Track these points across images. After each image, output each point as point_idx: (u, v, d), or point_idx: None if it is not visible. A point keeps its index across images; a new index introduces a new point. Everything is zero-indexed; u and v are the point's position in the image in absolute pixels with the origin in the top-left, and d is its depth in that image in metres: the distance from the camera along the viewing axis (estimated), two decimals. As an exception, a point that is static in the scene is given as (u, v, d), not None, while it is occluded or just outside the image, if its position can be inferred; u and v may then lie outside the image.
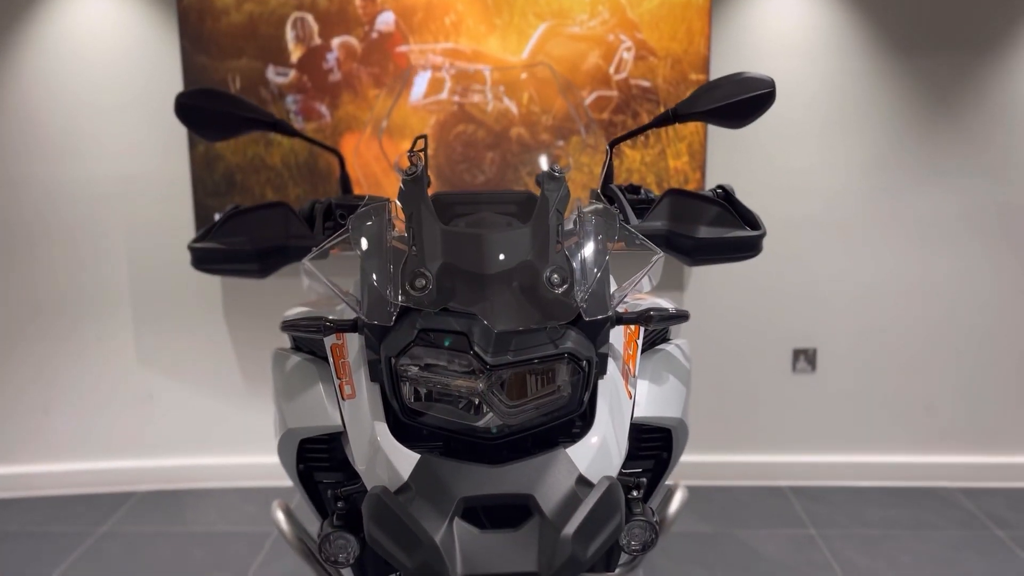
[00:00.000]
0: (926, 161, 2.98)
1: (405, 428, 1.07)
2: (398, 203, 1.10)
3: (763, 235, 1.31)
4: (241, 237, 1.30)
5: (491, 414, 1.03)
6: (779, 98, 2.93)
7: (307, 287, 1.18)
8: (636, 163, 2.91)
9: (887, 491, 3.12)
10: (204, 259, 1.31)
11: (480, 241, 1.05)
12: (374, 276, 1.06)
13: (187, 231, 3.02)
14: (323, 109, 2.88)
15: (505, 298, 1.01)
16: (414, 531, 0.95)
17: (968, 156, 2.97)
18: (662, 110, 2.87)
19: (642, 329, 1.24)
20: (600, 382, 1.09)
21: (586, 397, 1.05)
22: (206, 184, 2.95)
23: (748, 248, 1.30)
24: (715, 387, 3.14)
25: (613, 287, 1.14)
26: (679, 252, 1.31)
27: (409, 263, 1.04)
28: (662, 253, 1.14)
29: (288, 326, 1.10)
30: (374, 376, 1.07)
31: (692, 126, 2.88)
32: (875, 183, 3.00)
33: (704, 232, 1.29)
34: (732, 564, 2.61)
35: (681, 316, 1.11)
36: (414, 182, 1.07)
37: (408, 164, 1.09)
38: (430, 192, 1.12)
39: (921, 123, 2.96)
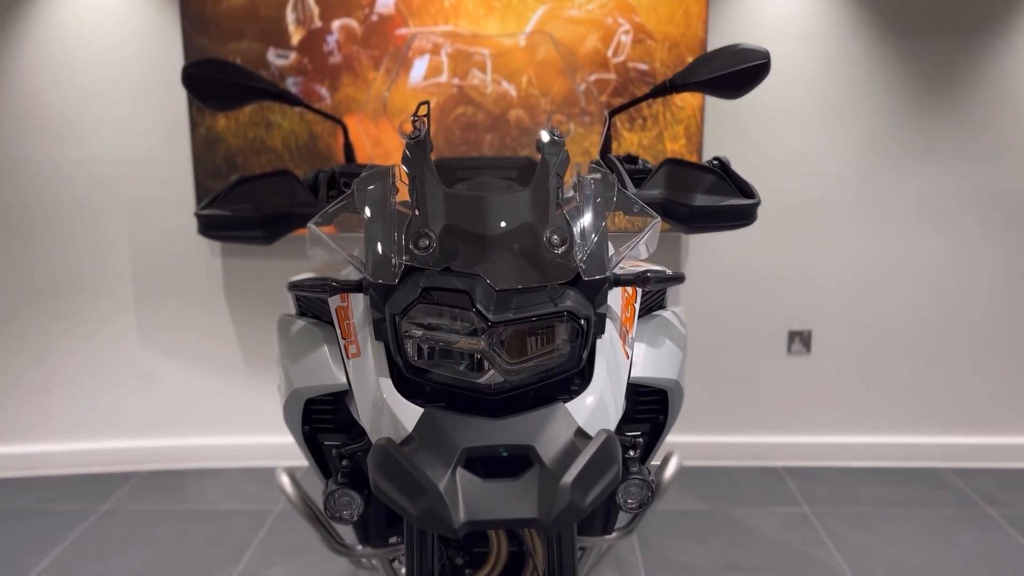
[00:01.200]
0: (922, 144, 3.01)
1: (408, 387, 1.10)
2: (401, 167, 1.12)
3: (758, 204, 1.34)
4: (246, 204, 1.33)
5: (492, 371, 1.06)
6: (776, 81, 2.98)
7: (312, 254, 1.21)
8: (634, 146, 2.94)
9: (880, 471, 3.16)
10: (210, 226, 1.33)
11: (482, 203, 1.08)
12: (378, 237, 1.09)
13: (188, 213, 3.04)
14: (323, 91, 2.91)
15: (506, 259, 1.04)
16: (418, 480, 0.98)
17: (964, 139, 3.00)
18: (660, 92, 2.90)
19: (639, 293, 1.27)
20: (598, 342, 1.12)
21: (585, 355, 1.08)
22: (207, 166, 2.97)
23: (743, 216, 1.33)
24: (711, 368, 3.18)
25: (611, 251, 1.17)
26: (676, 220, 1.34)
27: (413, 224, 1.07)
28: (659, 218, 1.17)
29: (294, 287, 1.13)
30: (378, 335, 1.10)
31: (689, 109, 2.91)
32: (871, 166, 3.03)
33: (700, 200, 1.32)
34: (727, 540, 2.65)
35: (677, 278, 1.14)
36: (417, 145, 1.10)
37: (411, 128, 1.12)
38: (432, 158, 1.14)
39: (917, 106, 2.99)
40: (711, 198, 1.32)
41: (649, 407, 1.32)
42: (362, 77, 2.89)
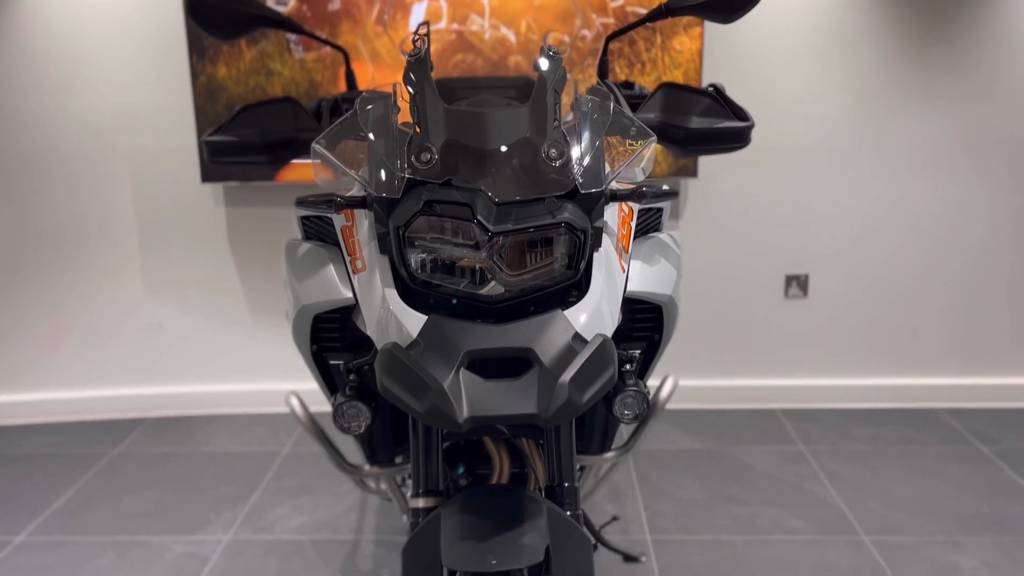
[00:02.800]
0: (918, 88, 3.02)
1: (413, 300, 1.14)
2: (403, 85, 1.15)
3: (752, 126, 1.37)
4: (252, 130, 1.36)
5: (493, 283, 1.10)
6: (774, 27, 2.99)
7: (317, 177, 1.24)
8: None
9: (875, 412, 3.22)
10: (217, 151, 1.37)
11: (482, 119, 1.11)
12: (381, 152, 1.12)
13: (191, 162, 3.07)
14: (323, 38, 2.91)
15: (506, 172, 1.08)
16: (423, 379, 1.02)
17: (960, 83, 3.01)
18: (657, 36, 2.91)
19: (635, 213, 1.31)
20: (595, 255, 1.16)
21: (582, 266, 1.12)
22: (208, 114, 2.99)
23: (738, 139, 1.36)
24: (709, 313, 3.22)
25: (608, 169, 1.20)
26: (671, 142, 1.37)
27: (414, 140, 1.10)
28: (655, 136, 1.20)
29: (301, 202, 1.17)
30: (383, 248, 1.14)
31: (688, 53, 2.92)
32: (868, 110, 3.04)
33: (695, 123, 1.35)
34: (724, 476, 2.72)
35: (672, 193, 1.18)
36: (418, 63, 1.13)
37: (412, 47, 1.14)
38: (432, 77, 1.17)
39: (914, 51, 3.00)
40: (706, 120, 1.35)
41: (645, 324, 1.36)
42: (361, 23, 2.90)
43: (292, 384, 3.21)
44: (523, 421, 1.03)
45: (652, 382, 1.46)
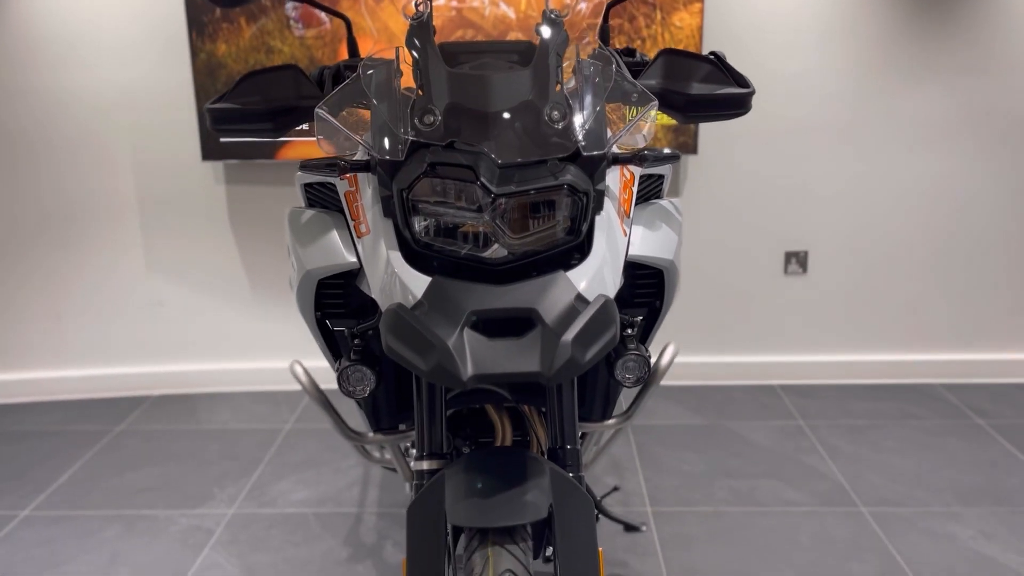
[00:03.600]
0: (918, 63, 3.02)
1: (417, 263, 1.15)
2: (405, 49, 1.16)
3: (752, 93, 1.37)
4: (254, 98, 1.36)
5: (496, 245, 1.11)
6: (773, 3, 2.97)
7: (321, 143, 1.24)
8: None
9: (874, 388, 3.24)
10: (220, 119, 1.37)
11: (484, 82, 1.11)
12: (384, 115, 1.13)
13: (191, 140, 3.07)
14: (322, 15, 2.91)
15: (508, 134, 1.08)
16: (428, 338, 1.04)
17: (960, 57, 3.01)
18: (657, 13, 2.90)
19: (637, 179, 1.32)
20: (597, 218, 1.17)
21: (584, 229, 1.13)
22: (208, 92, 2.99)
23: (738, 105, 1.36)
24: (709, 289, 3.24)
25: (609, 135, 1.21)
26: (672, 109, 1.37)
27: (417, 102, 1.11)
28: (656, 100, 1.20)
29: (305, 166, 1.17)
30: (387, 212, 1.15)
31: (688, 29, 2.92)
32: (868, 86, 3.04)
33: (696, 89, 1.35)
34: (723, 450, 2.74)
35: (674, 156, 1.19)
36: (421, 27, 1.13)
37: (414, 10, 1.15)
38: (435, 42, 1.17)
39: (914, 25, 2.99)
40: (707, 87, 1.35)
41: (646, 291, 1.37)
42: (361, 0, 2.90)
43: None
44: (526, 379, 1.04)
45: (653, 349, 1.47)
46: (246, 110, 1.35)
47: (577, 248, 1.16)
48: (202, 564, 2.15)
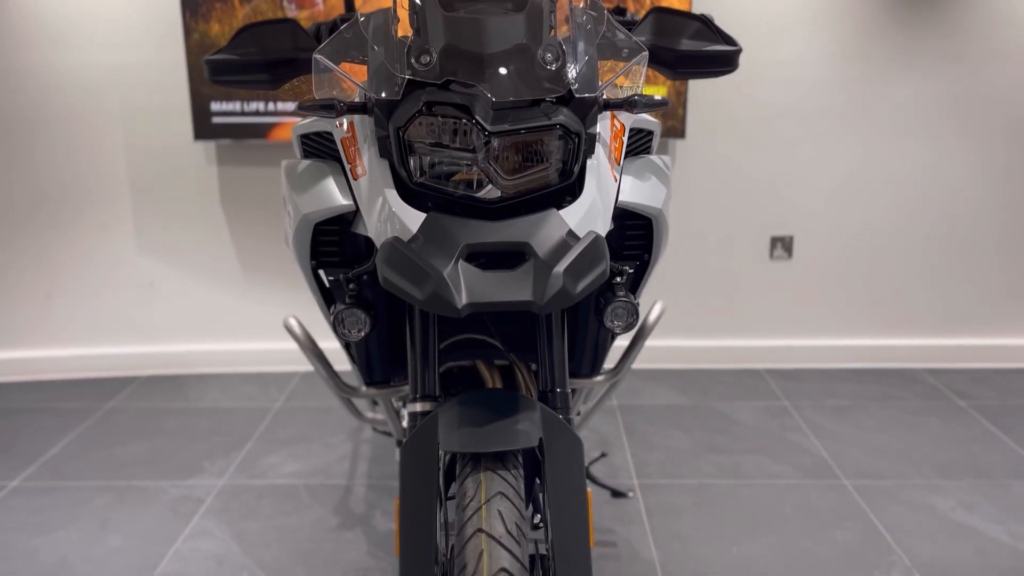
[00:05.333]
0: (904, 50, 3.08)
1: (412, 201, 1.17)
2: (403, -7, 1.19)
3: (740, 51, 1.41)
4: (252, 49, 1.38)
5: (490, 186, 1.14)
6: (761, -12, 3.02)
7: (318, 90, 1.27)
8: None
9: (857, 372, 3.29)
10: (218, 70, 1.39)
11: (479, 24, 1.14)
12: (382, 56, 1.15)
13: (183, 120, 3.09)
14: (316, -4, 2.94)
15: (503, 75, 1.12)
16: (423, 268, 1.06)
17: (945, 45, 3.07)
18: (648, -5, 2.94)
19: (627, 130, 1.35)
20: (588, 161, 1.20)
21: (576, 169, 1.16)
22: (202, 72, 3.00)
23: (726, 63, 1.40)
24: (695, 273, 3.28)
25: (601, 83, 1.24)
26: (662, 65, 1.41)
27: (414, 44, 1.14)
28: (646, 50, 1.24)
29: (303, 107, 1.20)
30: (383, 152, 1.18)
31: (677, 15, 2.96)
32: (852, 73, 3.10)
33: (685, 45, 1.39)
34: (709, 428, 2.77)
35: (663, 102, 1.22)
36: (418, -28, 1.16)
37: (412, -44, 1.18)
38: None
39: (897, 13, 3.05)
40: (696, 43, 1.39)
41: (635, 242, 1.41)
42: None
43: (283, 344, 3.24)
44: (519, 308, 1.07)
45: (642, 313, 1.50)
46: (244, 61, 1.38)
47: (569, 190, 1.19)
48: (192, 531, 2.17)
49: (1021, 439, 2.66)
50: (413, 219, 1.12)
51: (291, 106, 3.00)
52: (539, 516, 1.37)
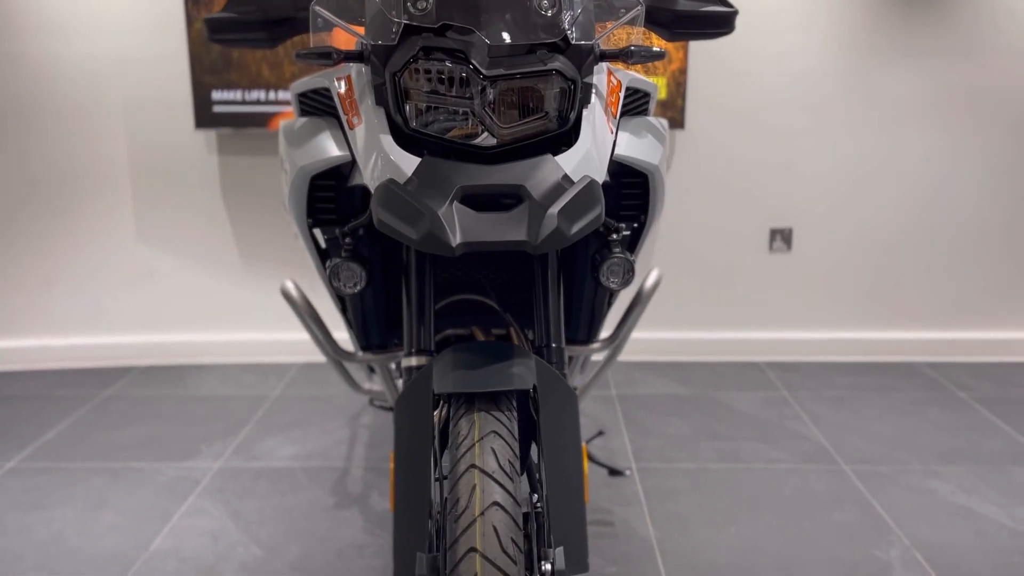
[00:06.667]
0: (900, 43, 3.09)
1: (408, 148, 1.18)
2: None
3: (736, 13, 1.41)
4: (252, 7, 1.40)
5: (486, 134, 1.15)
6: (759, -19, 3.04)
7: (316, 39, 1.27)
8: (622, 43, 3.00)
9: (857, 365, 3.28)
10: (217, 28, 1.40)
11: (476, -29, 1.15)
12: (379, 3, 1.16)
13: (185, 108, 3.10)
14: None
15: (499, 20, 1.12)
16: (418, 208, 1.07)
17: (940, 37, 3.08)
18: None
19: (623, 88, 1.35)
20: (584, 111, 1.21)
21: (572, 116, 1.17)
22: (203, 61, 3.02)
23: (723, 23, 1.41)
24: (695, 266, 3.27)
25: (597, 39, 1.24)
26: (659, 26, 1.41)
27: (411, -9, 1.15)
28: (642, 4, 1.25)
29: (300, 55, 1.21)
30: (379, 100, 1.18)
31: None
32: (851, 65, 3.11)
33: (682, 5, 1.40)
34: (708, 416, 2.77)
35: (659, 54, 1.23)
36: (415, -79, 1.17)
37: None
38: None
39: (895, 5, 3.06)
40: (693, 4, 1.40)
41: (632, 202, 1.41)
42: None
43: (282, 334, 3.24)
44: (513, 248, 1.07)
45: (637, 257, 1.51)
46: (243, 19, 1.39)
47: (564, 139, 1.19)
48: (188, 509, 2.16)
49: (1020, 427, 2.65)
50: (408, 163, 1.12)
51: (291, 96, 3.01)
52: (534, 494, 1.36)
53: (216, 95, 3.03)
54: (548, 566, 1.07)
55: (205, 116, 3.06)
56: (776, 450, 2.49)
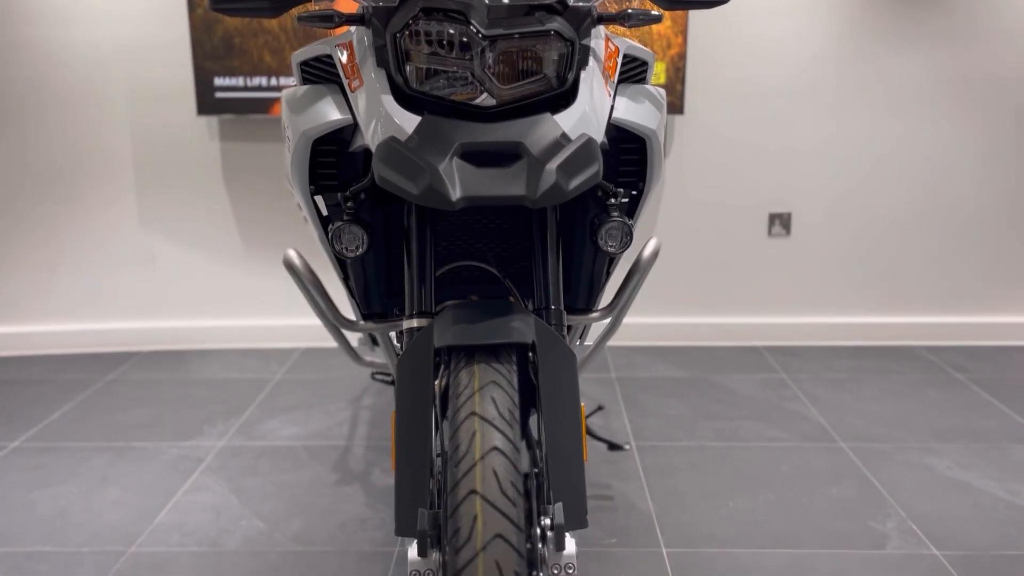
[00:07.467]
0: (899, 29, 3.11)
1: (408, 108, 1.19)
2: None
3: (732, -18, 1.43)
4: (254, -25, 1.41)
5: (485, 94, 1.16)
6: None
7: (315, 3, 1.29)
8: (621, 28, 3.02)
9: (855, 349, 3.29)
10: (218, -2, 1.41)
11: (474, -66, 1.17)
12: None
13: (188, 95, 3.12)
14: (318, -28, 2.97)
15: (498, -18, 1.14)
16: (419, 163, 1.09)
17: (937, 23, 3.10)
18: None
19: (621, 54, 1.37)
20: (583, 72, 1.22)
21: (570, 77, 1.19)
22: (205, 47, 3.04)
23: (718, -7, 1.42)
24: (694, 251, 3.29)
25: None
26: (655, -5, 1.43)
27: (411, -50, 1.16)
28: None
29: (302, 17, 1.22)
30: (380, 62, 1.20)
31: (675, -8, 2.99)
32: (850, 50, 3.13)
33: (679, -26, 1.41)
34: (707, 398, 2.78)
35: (657, 18, 1.25)
36: None
37: None
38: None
39: (894, -8, 3.09)
40: (689, -28, 1.41)
41: (631, 168, 1.43)
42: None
43: (284, 320, 3.26)
44: (512, 203, 1.09)
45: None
46: (246, -12, 1.40)
47: (563, 99, 1.21)
48: (191, 486, 2.18)
49: (1018, 407, 2.66)
50: (409, 121, 1.14)
51: (293, 80, 3.03)
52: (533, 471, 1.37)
53: (218, 81, 3.06)
54: (547, 521, 1.09)
55: (207, 102, 3.08)
56: (774, 429, 2.51)
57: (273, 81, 3.06)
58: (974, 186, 3.23)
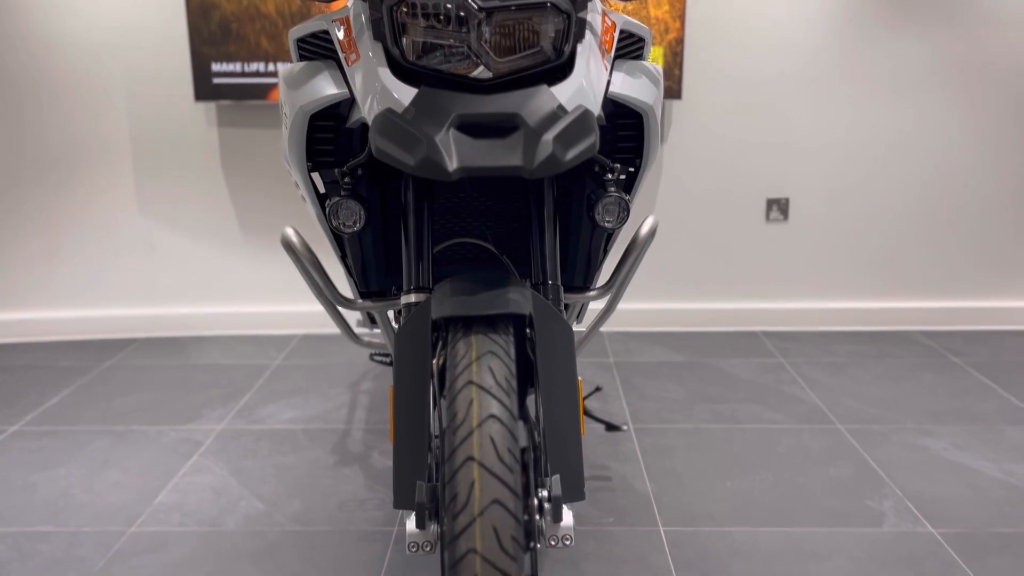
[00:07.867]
0: (897, 14, 3.10)
1: (405, 81, 1.19)
2: None
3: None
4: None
5: (482, 67, 1.17)
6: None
7: None
8: (617, 4, 3.02)
9: (853, 334, 3.30)
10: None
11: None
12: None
13: (185, 81, 3.12)
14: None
15: (494, -46, 1.14)
16: (415, 134, 1.09)
17: (938, 9, 3.10)
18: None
19: (617, 29, 1.38)
20: (579, 46, 1.23)
21: (566, 49, 1.19)
22: (202, 33, 3.04)
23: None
24: (692, 236, 3.30)
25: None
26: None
27: (408, -72, 1.17)
28: (635, -56, 1.27)
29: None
30: (376, 35, 1.21)
31: (672, -24, 2.99)
32: (848, 36, 3.13)
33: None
34: (705, 381, 2.79)
35: (651, -8, 1.25)
36: None
37: None
38: None
39: (892, -24, 3.09)
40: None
41: (627, 144, 1.43)
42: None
43: (282, 307, 3.27)
44: (509, 173, 1.09)
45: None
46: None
47: (559, 72, 1.22)
48: (191, 468, 2.19)
49: (1014, 390, 2.67)
50: (406, 93, 1.15)
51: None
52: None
53: (215, 67, 3.05)
54: (545, 492, 1.10)
55: (205, 88, 3.08)
56: (772, 411, 2.52)
57: (271, 67, 3.05)
58: (972, 171, 3.24)
